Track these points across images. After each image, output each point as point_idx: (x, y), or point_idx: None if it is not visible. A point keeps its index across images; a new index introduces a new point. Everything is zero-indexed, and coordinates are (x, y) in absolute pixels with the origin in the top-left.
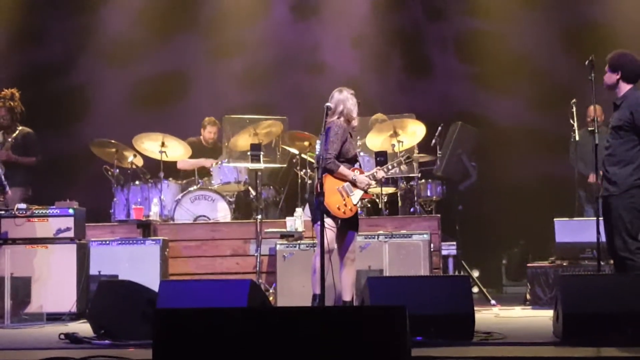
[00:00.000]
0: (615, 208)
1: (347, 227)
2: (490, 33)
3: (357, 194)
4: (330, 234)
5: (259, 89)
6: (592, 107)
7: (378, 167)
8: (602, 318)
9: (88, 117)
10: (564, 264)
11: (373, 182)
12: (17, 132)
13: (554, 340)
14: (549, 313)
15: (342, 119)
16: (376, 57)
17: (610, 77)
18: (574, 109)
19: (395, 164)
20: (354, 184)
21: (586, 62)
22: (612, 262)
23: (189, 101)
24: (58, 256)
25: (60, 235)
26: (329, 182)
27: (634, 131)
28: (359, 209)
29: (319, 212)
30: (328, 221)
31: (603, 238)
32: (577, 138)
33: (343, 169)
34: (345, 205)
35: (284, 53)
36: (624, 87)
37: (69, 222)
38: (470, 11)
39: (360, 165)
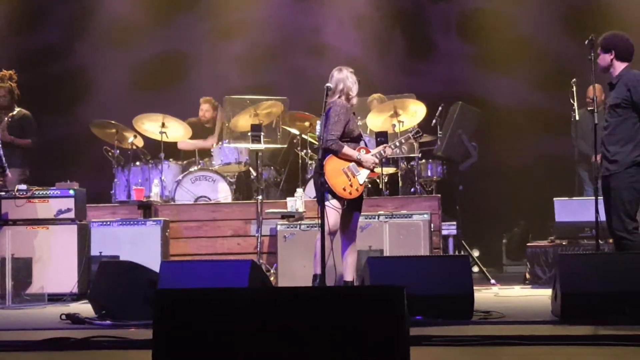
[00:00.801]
0: (615, 187)
1: (352, 207)
2: (492, 13)
3: (363, 174)
4: (334, 215)
5: (259, 70)
6: (591, 87)
7: (385, 145)
8: (600, 297)
9: (88, 99)
10: (564, 243)
11: (378, 160)
12: (14, 112)
13: (553, 319)
14: (548, 292)
15: (342, 97)
16: (377, 38)
17: (604, 59)
18: (574, 89)
19: (403, 140)
20: (359, 163)
21: (586, 42)
22: (611, 241)
23: (190, 82)
24: (59, 237)
25: (61, 216)
26: (334, 163)
27: (632, 108)
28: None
29: (321, 192)
30: (333, 202)
31: (602, 217)
32: (577, 118)
33: (347, 149)
34: (351, 185)
35: (285, 34)
36: (619, 66)
37: (70, 203)
38: None
39: (365, 144)
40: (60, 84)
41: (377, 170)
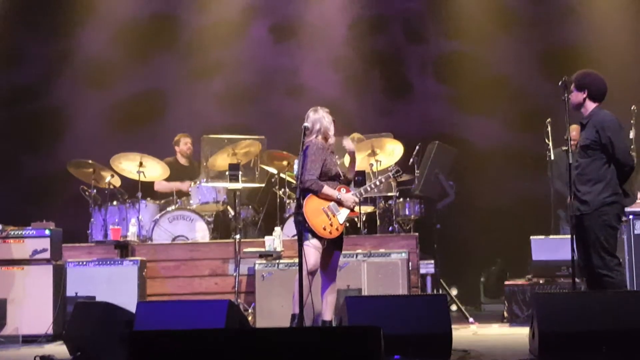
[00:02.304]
0: (589, 227)
1: (333, 247)
2: (468, 55)
3: (343, 213)
4: (314, 255)
5: (237, 110)
6: (569, 127)
7: (364, 187)
8: (577, 336)
9: (65, 138)
10: (541, 281)
11: (358, 199)
12: None
13: (531, 357)
14: (526, 331)
15: (319, 137)
16: (355, 79)
17: (576, 96)
18: (549, 129)
19: (383, 179)
20: (339, 203)
21: (559, 83)
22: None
23: (167, 122)
24: (34, 277)
25: (37, 256)
26: (314, 203)
27: (601, 149)
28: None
29: (300, 231)
30: (313, 242)
31: (577, 257)
32: (552, 157)
33: (327, 189)
34: (332, 225)
35: (263, 74)
36: (590, 106)
37: (46, 243)
38: (448, 33)
39: (348, 183)
40: (38, 123)
41: (357, 209)
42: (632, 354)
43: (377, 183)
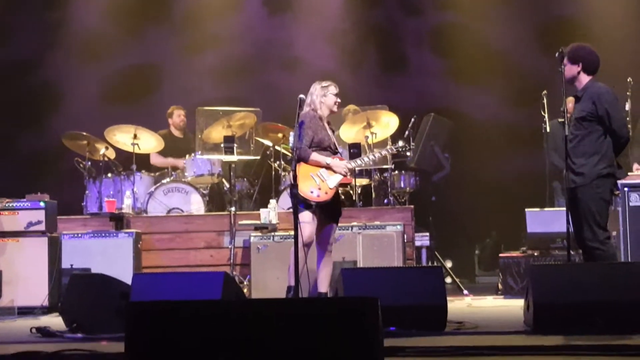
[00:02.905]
0: (582, 199)
1: (329, 219)
2: (465, 28)
3: (333, 178)
4: (309, 227)
5: (232, 83)
6: (565, 99)
7: (360, 157)
8: (572, 307)
9: (60, 111)
10: (535, 254)
11: (351, 166)
12: None
13: (525, 329)
14: (521, 302)
15: (310, 109)
16: (351, 52)
17: (570, 70)
18: (545, 101)
19: (389, 150)
20: (329, 169)
21: (556, 54)
22: (581, 251)
23: (162, 95)
24: (29, 250)
25: (31, 228)
26: (303, 169)
27: (597, 121)
28: (341, 196)
29: (295, 203)
30: (308, 214)
31: (572, 228)
32: (547, 129)
33: (315, 155)
34: (320, 188)
35: (258, 47)
36: (584, 79)
37: (40, 215)
38: (445, 6)
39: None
40: (32, 96)
41: (350, 177)
42: (625, 325)
43: (378, 155)
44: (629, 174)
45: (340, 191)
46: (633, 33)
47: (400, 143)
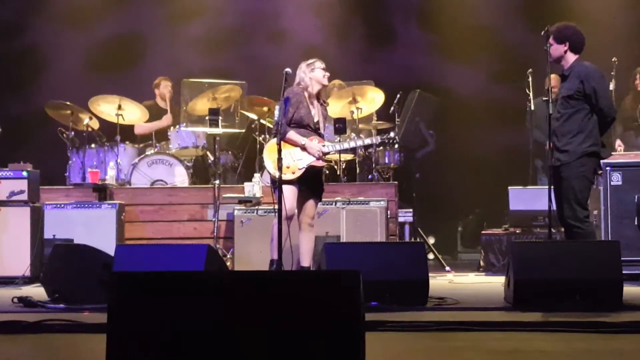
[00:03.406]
0: (566, 177)
1: (309, 193)
2: (452, 3)
3: (305, 159)
4: (290, 200)
5: (217, 55)
6: (548, 77)
7: (339, 141)
8: (551, 284)
9: (43, 79)
10: (517, 231)
11: (324, 149)
12: None
13: (505, 305)
14: (502, 279)
15: (296, 86)
16: (337, 25)
17: (557, 49)
18: (530, 79)
19: (375, 140)
20: (304, 149)
21: (542, 33)
22: (562, 229)
23: (146, 65)
24: (11, 219)
25: (14, 197)
26: (284, 146)
27: (584, 99)
28: (324, 172)
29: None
30: (288, 187)
31: (555, 206)
32: (532, 107)
33: (292, 134)
34: (288, 167)
35: (244, 19)
36: (571, 58)
37: (23, 184)
38: None
39: (322, 136)
40: (14, 63)
41: (330, 157)
42: (604, 302)
43: (360, 143)
44: (613, 153)
45: (324, 167)
46: (617, 12)
47: (392, 134)
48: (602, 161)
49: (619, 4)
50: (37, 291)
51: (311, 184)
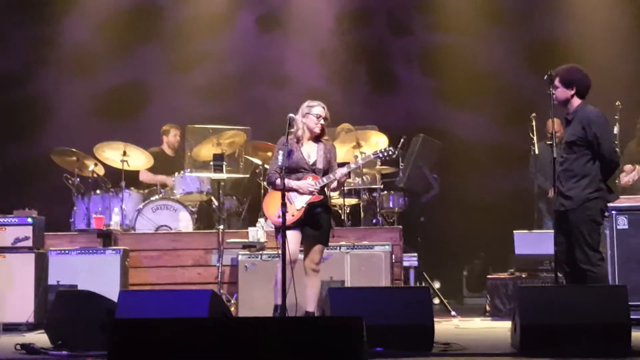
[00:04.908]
0: (573, 222)
1: (314, 237)
2: (454, 48)
3: (301, 199)
4: (292, 245)
5: (221, 101)
6: (550, 121)
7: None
8: (558, 329)
9: (48, 126)
10: (523, 275)
11: (316, 185)
12: None
13: (512, 351)
14: (508, 324)
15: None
16: (341, 71)
17: (564, 93)
18: (534, 123)
19: (372, 155)
20: (297, 191)
21: (545, 77)
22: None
23: (151, 112)
24: (16, 265)
25: (19, 244)
26: (275, 195)
27: (586, 146)
28: (329, 217)
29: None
30: (291, 232)
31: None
32: (536, 151)
33: (280, 182)
34: (287, 212)
35: (248, 65)
36: (575, 102)
37: (28, 231)
38: (435, 26)
39: (320, 173)
40: (20, 111)
41: (334, 202)
42: (611, 348)
43: (353, 166)
44: (621, 197)
45: (328, 204)
46: (621, 55)
47: (390, 149)
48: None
49: (622, 48)
50: (40, 338)
51: (315, 224)
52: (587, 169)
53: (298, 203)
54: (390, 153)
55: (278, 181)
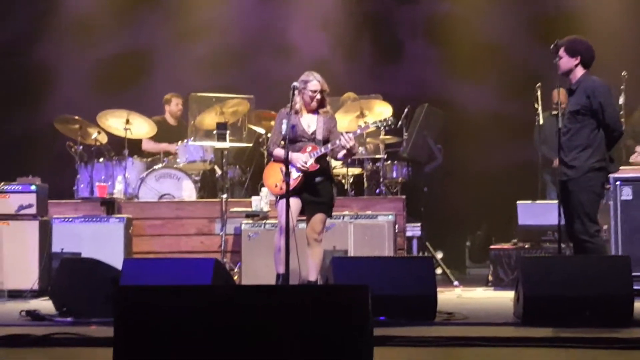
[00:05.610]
0: (574, 192)
1: (314, 206)
2: (459, 18)
3: (295, 172)
4: (284, 216)
5: (225, 70)
6: (555, 91)
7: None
8: (561, 300)
9: (51, 95)
10: (526, 246)
11: (309, 159)
12: None
13: (515, 321)
14: (511, 294)
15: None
16: (345, 40)
17: (567, 62)
18: (539, 93)
19: (371, 125)
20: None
21: (551, 47)
22: (571, 244)
23: (153, 82)
24: (20, 233)
25: (22, 211)
26: (273, 166)
27: (591, 115)
28: (331, 187)
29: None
30: (281, 203)
31: (563, 221)
32: (541, 121)
33: (277, 152)
34: (283, 181)
35: (251, 35)
36: (579, 72)
37: (31, 198)
38: None
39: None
40: (24, 79)
41: (337, 172)
42: (614, 318)
43: (348, 136)
44: (623, 167)
45: (333, 181)
46: (627, 27)
47: (389, 119)
48: (612, 175)
49: (628, 19)
50: (45, 305)
51: (316, 193)
52: (590, 138)
53: (294, 172)
54: (390, 123)
55: (275, 151)
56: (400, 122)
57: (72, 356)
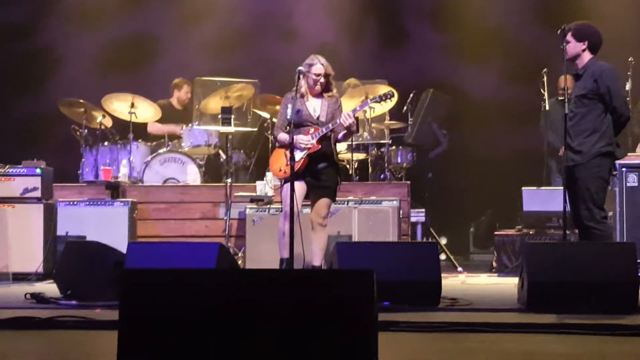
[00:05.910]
0: (581, 178)
1: (319, 191)
2: (465, 2)
3: (299, 153)
4: (288, 200)
5: (230, 54)
6: (562, 77)
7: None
8: (565, 286)
9: (56, 78)
10: (531, 232)
11: (311, 139)
12: None
13: (519, 307)
14: (515, 280)
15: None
16: (350, 24)
17: (575, 47)
18: (545, 79)
19: (370, 101)
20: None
21: (558, 31)
22: (577, 231)
23: (159, 65)
24: (25, 216)
25: (27, 195)
26: (278, 151)
27: (598, 99)
28: (335, 172)
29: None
30: (285, 187)
31: (569, 207)
32: (547, 107)
33: (281, 137)
34: (287, 165)
35: (256, 19)
36: (586, 57)
37: (36, 181)
38: None
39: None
40: (29, 62)
41: (342, 157)
42: (619, 304)
43: (348, 114)
44: (629, 154)
45: (337, 166)
46: (634, 12)
47: (388, 94)
48: (618, 162)
49: (635, 5)
50: (49, 288)
51: (319, 178)
52: (597, 123)
53: (297, 155)
54: (389, 96)
55: (280, 136)
56: (405, 108)
57: (77, 339)
